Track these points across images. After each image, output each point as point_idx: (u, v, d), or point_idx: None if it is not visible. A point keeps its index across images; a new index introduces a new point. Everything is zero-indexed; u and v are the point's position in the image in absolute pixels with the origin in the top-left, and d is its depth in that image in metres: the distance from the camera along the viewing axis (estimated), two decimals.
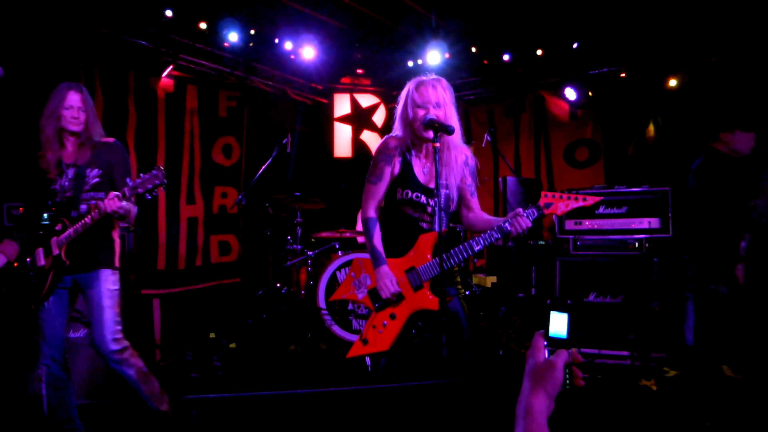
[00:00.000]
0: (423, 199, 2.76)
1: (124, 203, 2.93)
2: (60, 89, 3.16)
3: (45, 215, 3.18)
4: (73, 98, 3.14)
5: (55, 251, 3.04)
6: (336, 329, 5.35)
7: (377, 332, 2.67)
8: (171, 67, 5.95)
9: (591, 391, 4.15)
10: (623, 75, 6.55)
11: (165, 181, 2.93)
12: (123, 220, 3.14)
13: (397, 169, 2.77)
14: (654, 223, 5.00)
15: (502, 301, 5.93)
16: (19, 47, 4.81)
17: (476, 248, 2.64)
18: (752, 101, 5.43)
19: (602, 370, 4.57)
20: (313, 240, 6.21)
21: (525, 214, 2.60)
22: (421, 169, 2.79)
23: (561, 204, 2.63)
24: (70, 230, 3.01)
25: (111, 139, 3.27)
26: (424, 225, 2.77)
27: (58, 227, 3.06)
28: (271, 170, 5.83)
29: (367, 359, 3.01)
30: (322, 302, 5.49)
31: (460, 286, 2.81)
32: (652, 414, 3.74)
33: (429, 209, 2.76)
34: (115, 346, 3.08)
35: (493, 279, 6.30)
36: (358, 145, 7.85)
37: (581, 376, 1.18)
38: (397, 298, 2.66)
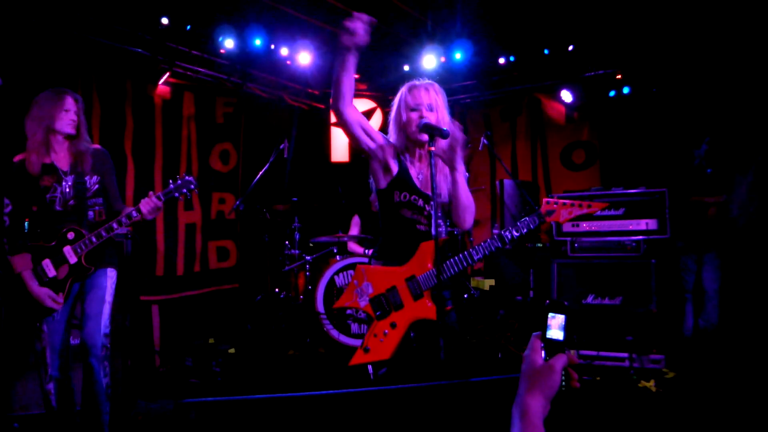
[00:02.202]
0: (420, 202, 2.76)
1: (162, 204, 3.06)
2: (56, 92, 3.14)
3: (37, 224, 3.13)
4: (70, 102, 3.14)
5: (73, 259, 3.03)
6: (335, 333, 5.36)
7: (378, 341, 2.66)
8: (168, 74, 5.97)
9: (590, 392, 4.16)
10: (619, 77, 6.58)
11: (195, 185, 3.12)
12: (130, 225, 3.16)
13: (395, 170, 2.76)
14: (651, 224, 5.01)
15: (500, 304, 5.93)
16: (18, 56, 4.82)
17: (476, 257, 2.65)
18: (750, 101, 5.47)
19: (601, 372, 4.58)
20: (311, 245, 6.22)
21: (525, 222, 2.60)
22: (416, 174, 2.80)
23: (564, 211, 2.60)
24: (91, 237, 3.01)
25: (99, 146, 3.28)
26: (422, 227, 2.76)
27: (71, 236, 3.04)
28: (269, 176, 5.84)
29: (370, 367, 2.98)
30: (320, 307, 5.50)
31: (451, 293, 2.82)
32: (653, 415, 3.75)
33: (426, 212, 2.77)
34: (106, 341, 3.09)
35: (492, 282, 6.31)
36: (355, 151, 7.86)
37: (577, 378, 1.19)
38: (398, 306, 2.67)
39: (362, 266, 2.79)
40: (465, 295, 5.89)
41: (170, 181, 3.12)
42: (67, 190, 3.09)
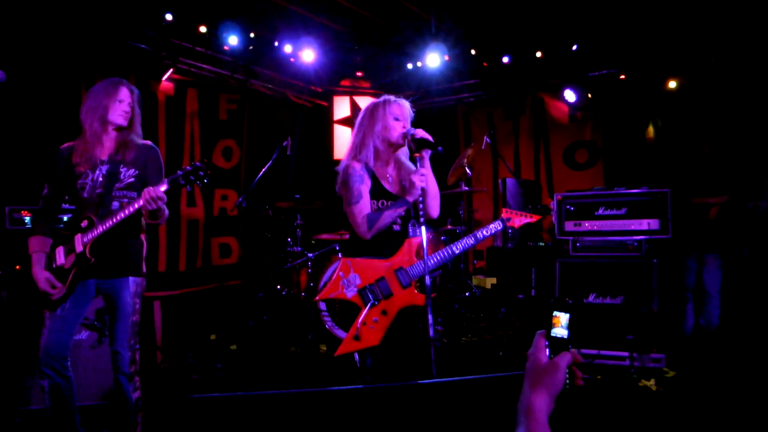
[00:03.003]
0: None
1: (162, 193, 2.82)
2: (111, 82, 3.05)
3: (64, 212, 3.04)
4: (125, 93, 3.04)
5: (79, 248, 2.86)
6: (337, 331, 5.36)
7: (368, 328, 2.85)
8: (171, 70, 5.97)
9: (591, 391, 4.17)
10: (623, 77, 6.58)
11: (206, 172, 2.95)
12: (155, 220, 2.97)
13: (369, 184, 3.01)
14: (653, 224, 5.01)
15: (501, 302, 5.94)
16: (21, 52, 4.83)
17: (456, 252, 3.01)
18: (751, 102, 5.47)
19: (601, 371, 4.58)
20: (313, 242, 6.22)
21: (492, 225, 3.10)
22: (386, 178, 3.09)
23: (516, 219, 3.17)
24: (100, 227, 2.85)
25: (149, 142, 3.17)
26: (397, 228, 3.03)
27: (84, 224, 2.89)
28: (272, 173, 5.85)
29: (356, 355, 3.14)
30: (322, 304, 5.51)
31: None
32: (653, 414, 3.75)
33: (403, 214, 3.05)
34: (134, 355, 2.98)
35: (493, 280, 6.31)
36: None
37: (581, 377, 1.20)
38: (387, 295, 2.89)
39: (347, 259, 2.96)
40: (467, 293, 5.90)
41: (179, 170, 2.93)
42: (100, 179, 2.96)
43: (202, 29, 5.88)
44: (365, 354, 2.96)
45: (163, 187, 2.85)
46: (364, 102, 7.92)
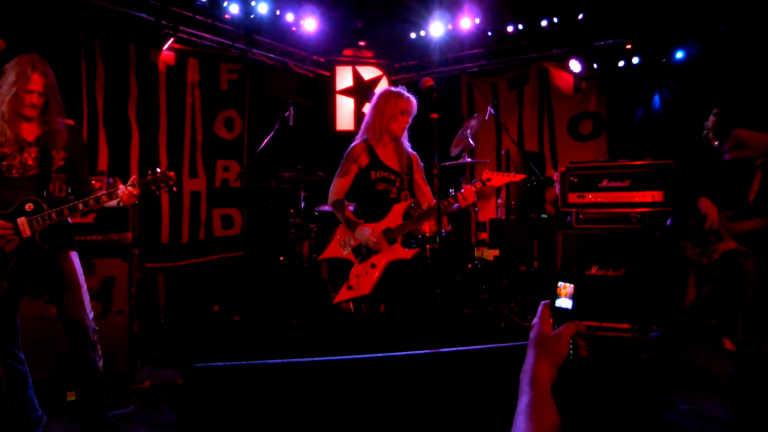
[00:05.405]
0: (393, 176, 3.54)
1: (138, 193, 2.99)
2: (24, 65, 2.87)
3: None
4: (36, 82, 2.88)
5: (26, 233, 2.82)
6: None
7: (360, 279, 3.31)
8: (172, 39, 5.89)
9: (592, 363, 4.19)
10: (629, 47, 6.48)
11: (174, 183, 3.13)
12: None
13: (365, 162, 3.52)
14: (657, 196, 4.99)
15: (504, 274, 5.95)
16: (19, 18, 4.76)
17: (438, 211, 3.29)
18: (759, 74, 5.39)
19: (603, 343, 4.61)
20: (315, 213, 6.21)
21: (470, 186, 3.37)
22: (385, 156, 3.56)
23: (498, 178, 3.46)
24: (52, 213, 2.83)
25: (71, 122, 3.11)
26: (392, 195, 3.51)
27: (29, 207, 2.83)
28: (274, 143, 5.81)
29: (351, 304, 3.55)
30: (325, 274, 5.53)
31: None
32: (652, 385, 3.78)
33: (397, 183, 3.54)
34: (94, 326, 2.98)
35: (496, 252, 6.32)
36: (361, 118, 7.78)
37: (584, 347, 1.20)
38: (377, 249, 3.33)
39: (344, 225, 3.51)
40: (469, 265, 5.91)
41: (149, 172, 3.04)
42: (30, 162, 2.90)
43: None
44: (359, 302, 3.38)
45: (137, 190, 2.99)
46: (366, 72, 7.83)
